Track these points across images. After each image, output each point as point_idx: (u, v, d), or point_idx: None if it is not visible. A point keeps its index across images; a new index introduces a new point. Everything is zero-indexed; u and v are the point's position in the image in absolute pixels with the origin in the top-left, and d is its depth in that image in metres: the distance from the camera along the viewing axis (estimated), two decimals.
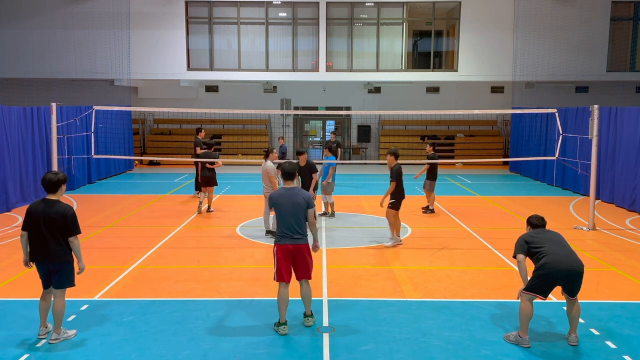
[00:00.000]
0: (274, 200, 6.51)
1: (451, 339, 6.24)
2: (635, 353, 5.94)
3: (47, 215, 5.86)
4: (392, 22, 23.02)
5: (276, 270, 6.43)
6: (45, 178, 6.02)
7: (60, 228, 5.88)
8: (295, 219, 6.40)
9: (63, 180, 6.08)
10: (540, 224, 6.41)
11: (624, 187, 14.16)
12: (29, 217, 5.97)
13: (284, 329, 6.36)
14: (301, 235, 6.44)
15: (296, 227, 6.40)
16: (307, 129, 27.35)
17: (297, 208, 6.40)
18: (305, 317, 6.65)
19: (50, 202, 5.96)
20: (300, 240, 6.42)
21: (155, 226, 11.94)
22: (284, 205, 6.41)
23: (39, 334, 6.16)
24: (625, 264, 9.28)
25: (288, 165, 6.66)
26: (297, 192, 6.52)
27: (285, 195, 6.46)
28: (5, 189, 13.09)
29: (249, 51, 22.97)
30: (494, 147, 25.58)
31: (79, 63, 21.98)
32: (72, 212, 5.97)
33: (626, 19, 23.22)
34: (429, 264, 9.21)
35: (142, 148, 25.78)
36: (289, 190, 6.51)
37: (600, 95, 22.81)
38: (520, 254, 6.13)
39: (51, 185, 5.99)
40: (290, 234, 6.39)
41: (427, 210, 13.68)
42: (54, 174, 6.05)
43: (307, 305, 6.64)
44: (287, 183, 6.64)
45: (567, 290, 6.06)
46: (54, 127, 11.71)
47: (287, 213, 6.39)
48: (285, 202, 6.41)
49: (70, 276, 6.07)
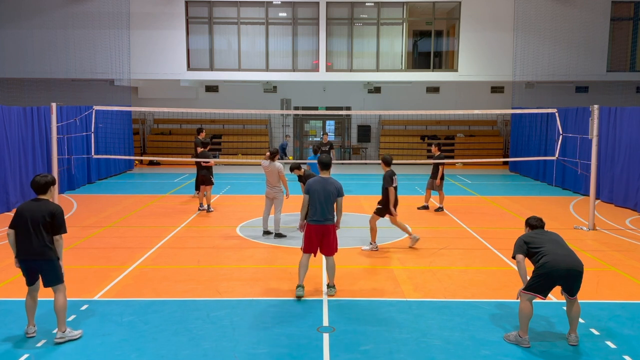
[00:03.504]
0: (309, 186, 7.51)
1: (451, 339, 6.24)
2: (635, 353, 5.94)
3: (36, 213, 5.94)
4: (392, 22, 23.02)
5: (304, 243, 7.52)
6: (33, 181, 6.13)
7: (46, 226, 5.93)
8: (326, 204, 7.43)
9: (52, 182, 6.19)
10: (539, 225, 6.41)
11: (625, 187, 14.16)
12: (18, 215, 6.03)
13: (300, 290, 7.43)
14: (329, 218, 7.49)
15: (326, 212, 7.43)
16: (307, 129, 27.35)
17: (329, 195, 7.44)
18: (328, 287, 7.66)
19: (40, 201, 6.06)
20: (328, 222, 7.48)
21: (155, 226, 11.94)
22: (317, 192, 7.43)
23: (27, 333, 6.16)
24: (625, 264, 9.28)
25: (325, 156, 7.68)
26: (331, 181, 7.54)
27: (320, 182, 7.49)
28: (6, 189, 13.09)
29: (249, 51, 22.96)
30: (494, 147, 25.58)
31: (79, 63, 21.98)
32: (60, 210, 6.06)
33: (626, 19, 23.22)
34: (429, 264, 9.21)
35: (142, 148, 25.78)
36: (323, 179, 7.54)
37: (600, 95, 22.80)
38: (520, 254, 6.13)
39: (39, 188, 6.10)
40: (320, 217, 7.41)
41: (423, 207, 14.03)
42: (42, 177, 6.17)
43: (330, 276, 7.68)
44: (324, 173, 7.64)
45: (566, 289, 6.06)
46: (54, 127, 11.71)
47: (320, 198, 7.40)
48: (319, 188, 7.43)
49: (58, 272, 6.08)
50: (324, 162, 7.63)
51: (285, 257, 9.59)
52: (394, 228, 10.46)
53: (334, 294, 7.57)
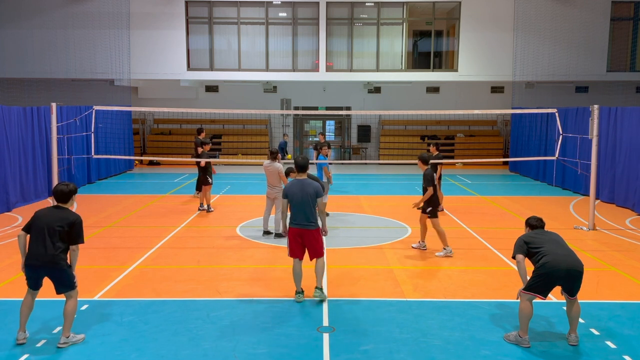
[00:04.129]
0: (286, 190, 7.28)
1: (451, 339, 6.24)
2: (635, 353, 5.94)
3: (54, 221, 5.88)
4: (392, 22, 23.02)
5: (289, 248, 7.34)
6: (57, 190, 6.09)
7: (63, 234, 5.87)
8: (306, 207, 7.17)
9: (74, 191, 6.18)
10: (539, 225, 6.41)
11: (625, 188, 14.15)
12: (34, 220, 5.97)
13: (299, 297, 7.28)
14: (311, 222, 7.21)
15: (307, 215, 7.17)
16: (307, 129, 27.35)
17: (307, 197, 7.16)
18: (316, 289, 7.35)
19: (60, 209, 6.03)
20: (309, 226, 7.21)
21: (155, 226, 11.94)
22: (295, 194, 7.19)
23: (17, 339, 6.00)
24: (625, 264, 9.28)
25: (301, 159, 7.41)
26: (307, 182, 7.27)
27: (297, 185, 7.24)
28: (6, 189, 13.09)
29: (249, 51, 22.96)
30: (494, 147, 25.58)
31: (79, 63, 21.98)
32: (80, 221, 6.00)
33: (626, 19, 23.21)
34: (429, 264, 9.20)
35: (142, 148, 25.78)
36: (300, 181, 7.29)
37: (600, 95, 22.79)
38: (520, 254, 6.13)
39: (62, 196, 6.08)
40: (301, 221, 7.18)
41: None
42: (65, 185, 6.14)
43: (317, 278, 7.38)
44: (299, 175, 7.39)
45: (566, 289, 6.06)
46: (54, 127, 11.71)
47: (299, 202, 7.16)
48: (297, 191, 7.19)
49: (70, 279, 5.99)
50: (300, 164, 7.39)
51: (285, 257, 9.52)
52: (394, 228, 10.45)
53: (320, 296, 7.25)
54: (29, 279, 6.02)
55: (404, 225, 12.02)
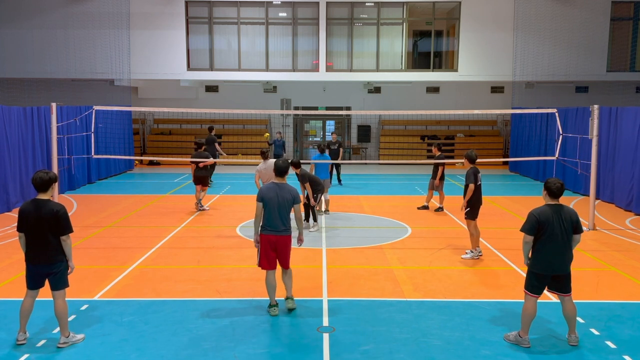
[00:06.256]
0: (262, 194, 6.81)
1: (451, 339, 6.24)
2: (635, 353, 5.94)
3: (38, 216, 5.80)
4: (392, 22, 23.02)
5: (260, 258, 6.90)
6: (36, 177, 5.91)
7: (51, 227, 5.82)
8: (282, 213, 6.79)
9: (54, 179, 6.01)
10: (558, 194, 6.17)
11: (625, 188, 14.14)
12: (22, 219, 5.91)
13: (274, 311, 6.85)
14: (285, 227, 6.85)
15: (282, 220, 6.81)
16: (307, 129, 27.35)
17: (284, 203, 6.79)
18: (286, 299, 7.04)
19: (41, 202, 5.88)
20: (283, 232, 6.84)
21: (155, 226, 11.94)
22: (272, 199, 6.76)
23: (18, 340, 6.01)
24: (625, 264, 9.28)
25: (281, 162, 6.96)
26: (286, 187, 6.87)
27: (274, 189, 6.82)
28: (6, 189, 13.09)
29: (249, 51, 22.97)
30: (494, 147, 25.57)
31: (79, 63, 21.98)
32: (63, 210, 5.90)
33: (626, 19, 23.21)
34: (429, 264, 9.21)
35: (142, 148, 25.78)
36: (277, 185, 6.86)
37: (600, 95, 22.80)
38: (529, 236, 6.01)
39: (42, 184, 5.89)
40: (275, 227, 6.79)
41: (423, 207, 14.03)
42: (44, 173, 5.95)
43: (288, 289, 7.07)
44: (278, 179, 6.93)
45: (557, 289, 6.08)
46: (54, 127, 11.71)
47: (274, 207, 6.76)
48: (273, 195, 6.77)
49: (64, 276, 6.00)
50: (280, 168, 6.89)
51: None
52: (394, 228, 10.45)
53: (293, 305, 7.00)
54: (30, 279, 6.00)
55: (404, 225, 12.02)
